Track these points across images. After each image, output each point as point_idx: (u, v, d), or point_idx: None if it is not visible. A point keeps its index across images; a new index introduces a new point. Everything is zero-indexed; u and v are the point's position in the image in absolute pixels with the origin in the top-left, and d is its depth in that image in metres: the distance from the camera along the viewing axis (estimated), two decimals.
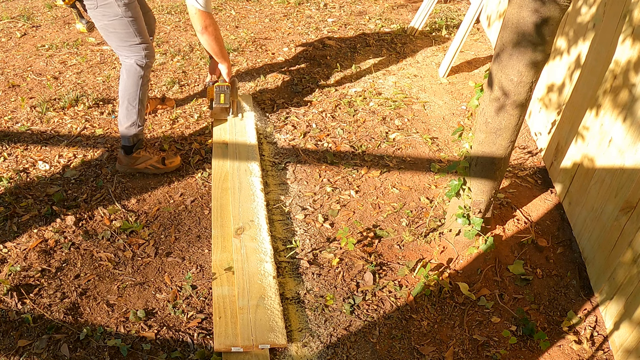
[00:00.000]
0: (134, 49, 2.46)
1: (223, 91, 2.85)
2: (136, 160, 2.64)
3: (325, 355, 1.87)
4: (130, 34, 2.41)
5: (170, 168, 2.68)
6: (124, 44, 2.45)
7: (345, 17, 4.87)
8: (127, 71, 2.51)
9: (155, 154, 2.69)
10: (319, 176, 2.78)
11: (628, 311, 1.86)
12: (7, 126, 2.99)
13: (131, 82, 2.52)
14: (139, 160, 2.64)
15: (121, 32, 2.40)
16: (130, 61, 2.49)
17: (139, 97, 2.54)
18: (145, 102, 2.60)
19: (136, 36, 2.43)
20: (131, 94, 2.53)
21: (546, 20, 1.72)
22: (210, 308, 2.02)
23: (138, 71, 2.50)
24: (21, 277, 2.07)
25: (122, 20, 2.36)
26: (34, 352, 1.81)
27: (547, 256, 2.34)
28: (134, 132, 2.58)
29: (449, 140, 3.13)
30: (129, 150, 2.62)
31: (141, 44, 2.46)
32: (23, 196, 2.48)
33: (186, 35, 4.30)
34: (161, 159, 2.67)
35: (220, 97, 2.85)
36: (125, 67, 2.52)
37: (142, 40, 2.47)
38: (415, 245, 2.36)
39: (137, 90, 2.53)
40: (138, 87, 2.53)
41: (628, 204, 1.95)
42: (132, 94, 2.53)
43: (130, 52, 2.47)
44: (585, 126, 2.36)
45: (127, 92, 2.53)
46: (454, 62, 3.94)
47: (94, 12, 2.36)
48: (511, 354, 1.93)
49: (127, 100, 2.53)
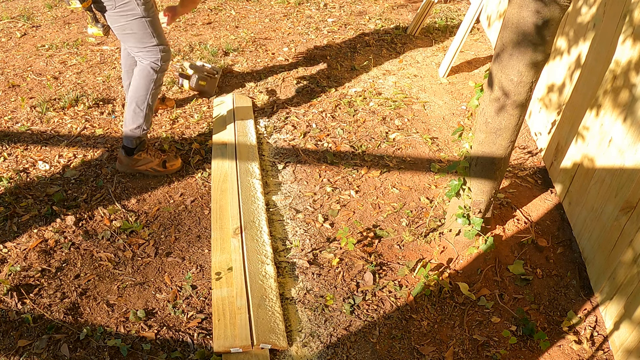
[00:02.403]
0: (151, 51, 2.44)
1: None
2: (137, 162, 2.62)
3: (325, 355, 1.87)
4: (148, 35, 2.39)
5: (171, 171, 2.68)
6: (141, 45, 2.42)
7: (345, 17, 4.87)
8: (140, 73, 2.49)
9: (157, 156, 2.67)
10: (319, 176, 2.78)
11: (628, 311, 1.86)
12: (7, 126, 2.99)
13: (142, 85, 2.49)
14: (139, 162, 2.62)
15: (139, 32, 2.38)
16: (145, 63, 2.47)
17: (148, 101, 2.51)
18: (154, 106, 2.58)
19: (153, 37, 2.41)
20: (140, 97, 2.50)
21: (546, 20, 1.72)
22: (210, 308, 2.02)
23: (151, 74, 2.48)
24: (21, 277, 2.07)
25: (140, 21, 2.34)
26: (34, 352, 1.81)
27: (547, 256, 2.34)
28: (137, 135, 2.56)
29: (449, 140, 3.13)
30: (131, 151, 2.60)
31: (158, 45, 2.44)
32: (23, 196, 2.48)
33: (186, 35, 4.30)
34: (162, 162, 2.66)
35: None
36: (139, 69, 2.49)
37: (160, 41, 2.44)
38: (415, 245, 2.36)
39: (147, 94, 2.50)
40: (149, 91, 2.50)
41: (628, 204, 1.95)
42: (142, 97, 2.50)
43: (147, 54, 2.45)
44: (585, 126, 2.36)
45: (137, 94, 2.50)
46: (454, 62, 3.94)
47: (112, 13, 2.32)
48: (511, 354, 1.93)
49: (135, 102, 2.51)
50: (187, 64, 3.46)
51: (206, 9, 4.91)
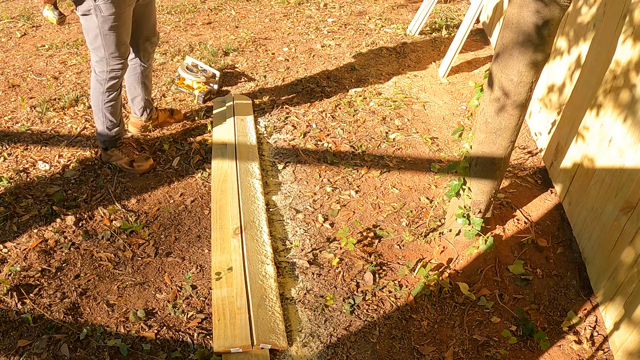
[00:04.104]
0: (100, 61, 2.41)
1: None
2: (110, 157, 2.69)
3: (325, 355, 1.87)
4: (99, 46, 2.35)
5: (137, 171, 2.68)
6: (92, 50, 2.41)
7: (345, 17, 4.87)
8: (92, 78, 2.50)
9: (128, 155, 2.69)
10: (319, 176, 2.78)
11: (628, 311, 1.86)
12: (7, 126, 2.99)
13: (94, 90, 2.51)
14: (112, 157, 2.69)
15: (90, 39, 2.35)
16: (94, 66, 2.45)
17: (102, 105, 2.54)
18: (116, 110, 2.59)
19: (104, 49, 2.36)
20: (95, 101, 2.54)
21: (547, 20, 1.72)
22: (210, 308, 2.02)
23: (99, 81, 2.48)
24: (21, 277, 2.07)
25: (94, 31, 2.30)
26: (34, 352, 1.81)
27: (547, 256, 2.34)
28: (104, 134, 2.63)
29: (449, 140, 3.13)
30: (105, 147, 2.69)
31: (108, 57, 2.40)
32: (23, 196, 2.48)
33: (186, 35, 4.30)
34: (130, 161, 2.68)
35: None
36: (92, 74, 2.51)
37: (110, 54, 2.39)
38: (415, 245, 2.36)
39: (100, 100, 2.52)
40: (100, 97, 2.51)
41: (628, 204, 1.95)
42: (95, 101, 2.54)
43: (97, 62, 2.42)
44: (586, 126, 2.36)
45: (93, 97, 2.54)
46: (454, 62, 3.94)
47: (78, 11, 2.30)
48: (511, 354, 1.93)
49: (94, 105, 2.57)
50: (184, 65, 3.44)
51: (206, 9, 4.91)
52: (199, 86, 3.34)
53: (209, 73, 3.45)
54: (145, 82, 2.80)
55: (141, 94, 2.82)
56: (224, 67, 3.78)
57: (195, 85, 3.36)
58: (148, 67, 2.76)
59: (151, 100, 2.91)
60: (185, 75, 3.37)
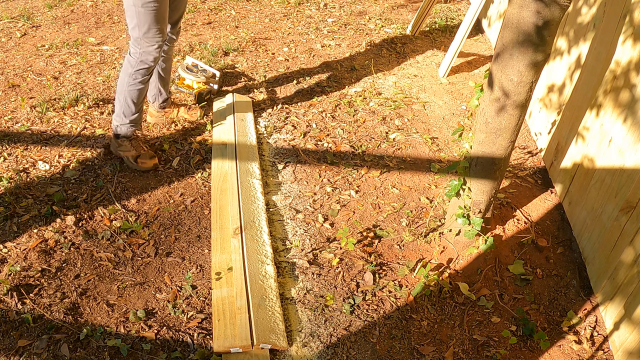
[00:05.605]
0: (135, 41, 2.45)
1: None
2: (119, 146, 2.69)
3: (325, 355, 1.87)
4: (134, 25, 2.39)
5: (140, 168, 2.69)
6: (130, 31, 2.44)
7: (345, 17, 4.87)
8: (125, 61, 2.54)
9: (136, 149, 2.69)
10: (319, 176, 2.78)
11: (628, 311, 1.86)
12: (7, 126, 2.99)
13: (122, 75, 2.55)
14: (121, 147, 2.69)
15: (128, 18, 2.39)
16: (130, 47, 2.49)
17: (125, 93, 2.57)
18: (138, 101, 2.60)
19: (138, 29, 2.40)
20: (120, 86, 2.58)
21: (547, 20, 1.72)
22: (210, 308, 2.02)
23: (130, 61, 2.51)
24: (21, 277, 2.07)
25: (131, 7, 2.34)
26: (34, 352, 1.81)
27: (547, 256, 2.34)
28: (117, 121, 2.65)
29: (449, 140, 3.13)
30: (117, 134, 2.69)
31: (143, 37, 2.43)
32: (23, 196, 2.48)
33: (186, 36, 4.30)
34: (136, 156, 2.69)
35: None
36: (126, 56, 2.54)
37: (143, 34, 2.42)
38: (415, 245, 2.36)
39: (124, 87, 2.55)
40: (125, 84, 2.55)
41: (628, 204, 1.95)
42: (120, 86, 2.57)
43: (131, 41, 2.47)
44: (585, 126, 2.36)
45: (119, 82, 2.57)
46: (454, 62, 3.94)
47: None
48: (511, 354, 1.93)
49: (118, 91, 2.59)
50: (184, 65, 3.44)
51: (206, 9, 4.91)
52: (199, 86, 3.34)
53: (209, 73, 3.45)
54: (159, 72, 2.88)
55: (155, 80, 2.90)
56: (224, 67, 3.78)
57: (195, 85, 3.36)
58: (167, 58, 2.85)
59: (167, 92, 3.00)
60: (185, 75, 3.37)
